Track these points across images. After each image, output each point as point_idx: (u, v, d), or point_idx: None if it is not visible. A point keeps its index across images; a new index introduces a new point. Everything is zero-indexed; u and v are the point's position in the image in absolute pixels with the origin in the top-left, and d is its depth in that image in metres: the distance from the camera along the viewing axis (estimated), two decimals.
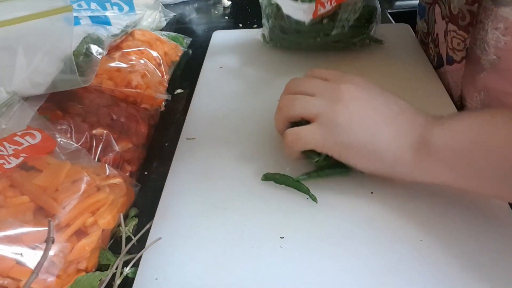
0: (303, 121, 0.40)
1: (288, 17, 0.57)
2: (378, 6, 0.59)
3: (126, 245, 0.38)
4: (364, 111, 0.38)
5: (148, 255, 0.37)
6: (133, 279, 0.36)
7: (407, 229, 0.37)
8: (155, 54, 0.62)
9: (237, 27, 0.80)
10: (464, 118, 0.36)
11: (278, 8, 0.58)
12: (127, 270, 0.37)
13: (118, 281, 0.36)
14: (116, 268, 0.36)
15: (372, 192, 0.41)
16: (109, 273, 0.36)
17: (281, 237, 0.38)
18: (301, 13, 0.54)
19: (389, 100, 0.39)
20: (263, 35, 0.65)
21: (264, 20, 0.63)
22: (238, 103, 0.55)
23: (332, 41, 0.59)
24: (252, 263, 0.36)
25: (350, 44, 0.60)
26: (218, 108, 0.55)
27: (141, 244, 0.39)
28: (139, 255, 0.37)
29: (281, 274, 0.35)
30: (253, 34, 0.69)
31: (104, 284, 0.35)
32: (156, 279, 0.35)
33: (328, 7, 0.52)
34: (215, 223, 0.40)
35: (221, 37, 0.72)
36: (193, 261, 0.37)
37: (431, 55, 0.60)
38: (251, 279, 0.35)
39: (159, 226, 0.40)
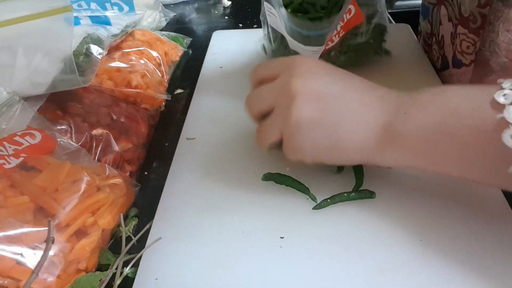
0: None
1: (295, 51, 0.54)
2: (388, 23, 0.57)
3: (126, 245, 0.38)
4: (323, 103, 0.36)
5: (148, 255, 0.37)
6: (133, 279, 0.36)
7: (407, 229, 0.37)
8: (155, 54, 0.62)
9: (237, 27, 0.80)
10: (426, 101, 0.34)
11: (282, 37, 0.55)
12: (127, 270, 0.37)
13: (118, 281, 0.36)
14: (116, 268, 0.36)
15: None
16: (109, 273, 0.36)
17: (281, 237, 0.38)
18: (310, 53, 0.52)
19: (347, 82, 0.37)
20: (263, 47, 0.63)
21: (265, 36, 0.60)
22: (238, 103, 0.55)
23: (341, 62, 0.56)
24: (252, 263, 0.36)
25: (357, 62, 0.57)
26: (218, 108, 0.55)
27: (141, 244, 0.39)
28: (139, 255, 0.37)
29: (281, 274, 0.35)
30: (253, 34, 0.69)
31: (104, 284, 0.35)
32: (156, 279, 0.35)
33: (336, 39, 0.50)
34: (215, 223, 0.40)
35: (221, 37, 0.72)
36: (193, 261, 0.37)
37: (434, 57, 0.60)
38: (251, 279, 0.35)
39: (159, 226, 0.40)
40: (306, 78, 0.37)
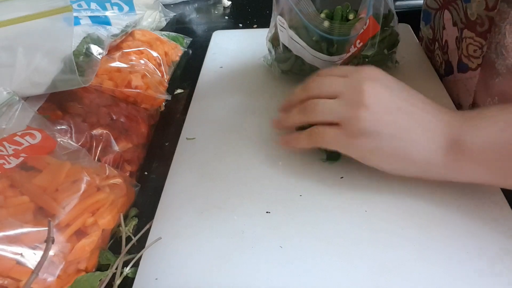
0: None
1: (310, 64, 0.53)
2: (398, 32, 0.55)
3: (126, 245, 0.38)
4: (390, 112, 0.36)
5: (148, 255, 0.37)
6: (133, 279, 0.36)
7: (406, 229, 0.37)
8: (155, 54, 0.62)
9: (237, 27, 0.80)
10: (493, 115, 0.34)
11: (297, 57, 0.54)
12: (127, 270, 0.37)
13: (118, 281, 0.36)
14: (116, 268, 0.36)
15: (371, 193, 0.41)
16: (109, 273, 0.36)
17: (281, 237, 0.37)
18: (330, 64, 0.52)
19: (411, 96, 0.38)
20: (266, 59, 0.61)
21: (271, 53, 0.58)
22: (238, 103, 0.55)
23: None
24: (252, 262, 0.36)
25: None
26: (218, 108, 0.55)
27: (141, 244, 0.39)
28: (139, 255, 0.37)
29: (281, 274, 0.35)
30: (253, 34, 0.69)
31: (104, 284, 0.35)
32: (156, 279, 0.35)
33: (353, 50, 0.49)
34: (215, 223, 0.40)
35: (221, 37, 0.72)
36: (193, 261, 0.37)
37: (438, 62, 0.59)
38: (251, 279, 0.35)
39: (159, 226, 0.40)
40: (377, 89, 0.37)
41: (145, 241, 0.39)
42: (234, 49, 0.68)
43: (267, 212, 0.40)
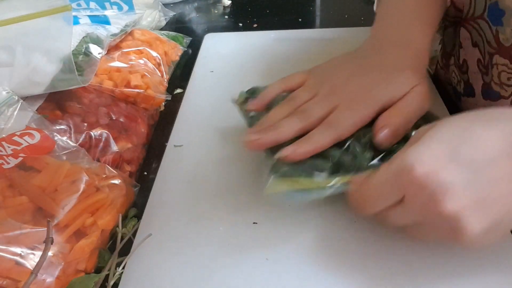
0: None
1: None
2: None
3: (123, 246, 0.38)
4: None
5: (131, 264, 0.36)
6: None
7: (396, 237, 0.36)
8: (154, 54, 0.62)
9: (237, 27, 0.80)
10: None
11: None
12: (119, 269, 0.36)
13: (111, 282, 0.35)
14: (109, 270, 0.36)
15: None
16: (103, 274, 0.35)
17: (268, 249, 0.37)
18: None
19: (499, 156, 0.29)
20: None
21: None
22: (228, 109, 0.53)
23: None
24: (237, 275, 0.35)
25: None
26: (207, 114, 0.53)
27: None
28: (129, 255, 0.37)
29: (268, 287, 0.34)
30: (246, 37, 0.68)
31: (98, 285, 0.35)
32: None
33: None
34: (200, 233, 0.39)
35: (213, 40, 0.70)
36: (176, 271, 0.36)
37: (454, 79, 0.53)
38: None
39: (144, 236, 0.39)
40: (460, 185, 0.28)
41: (145, 241, 0.38)
42: (226, 52, 0.66)
43: (254, 223, 0.39)
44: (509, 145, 0.28)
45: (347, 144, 0.37)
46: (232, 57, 0.65)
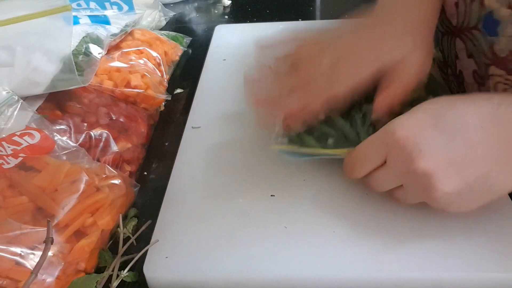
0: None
1: None
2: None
3: (124, 245, 0.38)
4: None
5: (158, 235, 0.38)
6: (130, 282, 0.36)
7: (407, 224, 0.38)
8: (154, 54, 0.62)
9: None
10: None
11: None
12: (124, 272, 0.36)
13: (115, 283, 0.35)
14: (113, 270, 0.36)
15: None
16: (106, 275, 0.35)
17: (286, 219, 0.39)
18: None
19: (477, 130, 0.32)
20: None
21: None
22: (241, 93, 0.55)
23: None
24: (258, 241, 0.37)
25: None
26: (222, 98, 0.56)
27: (140, 244, 0.39)
28: (137, 257, 0.37)
29: (287, 255, 0.36)
30: (255, 27, 0.70)
31: (101, 286, 0.35)
32: (166, 257, 0.36)
33: None
34: (221, 206, 0.41)
35: (223, 31, 0.73)
36: (201, 240, 0.38)
37: (453, 89, 0.53)
38: (257, 260, 0.36)
39: (167, 210, 0.41)
40: (437, 150, 0.31)
41: (145, 241, 0.38)
42: (237, 42, 0.69)
43: (271, 196, 0.41)
44: (483, 119, 0.31)
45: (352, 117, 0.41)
46: (243, 46, 0.67)
